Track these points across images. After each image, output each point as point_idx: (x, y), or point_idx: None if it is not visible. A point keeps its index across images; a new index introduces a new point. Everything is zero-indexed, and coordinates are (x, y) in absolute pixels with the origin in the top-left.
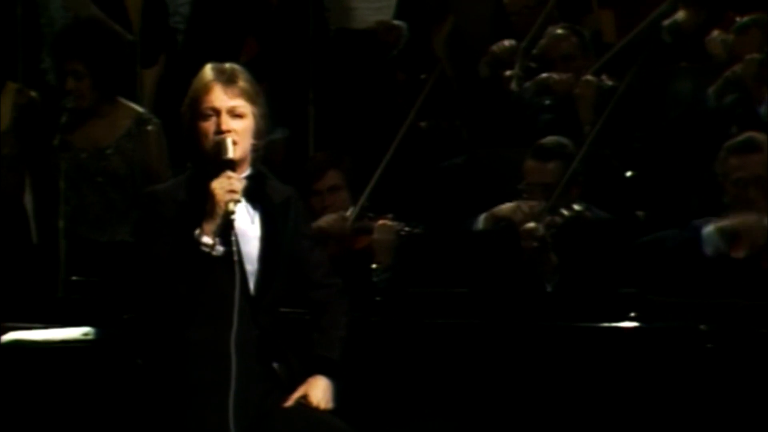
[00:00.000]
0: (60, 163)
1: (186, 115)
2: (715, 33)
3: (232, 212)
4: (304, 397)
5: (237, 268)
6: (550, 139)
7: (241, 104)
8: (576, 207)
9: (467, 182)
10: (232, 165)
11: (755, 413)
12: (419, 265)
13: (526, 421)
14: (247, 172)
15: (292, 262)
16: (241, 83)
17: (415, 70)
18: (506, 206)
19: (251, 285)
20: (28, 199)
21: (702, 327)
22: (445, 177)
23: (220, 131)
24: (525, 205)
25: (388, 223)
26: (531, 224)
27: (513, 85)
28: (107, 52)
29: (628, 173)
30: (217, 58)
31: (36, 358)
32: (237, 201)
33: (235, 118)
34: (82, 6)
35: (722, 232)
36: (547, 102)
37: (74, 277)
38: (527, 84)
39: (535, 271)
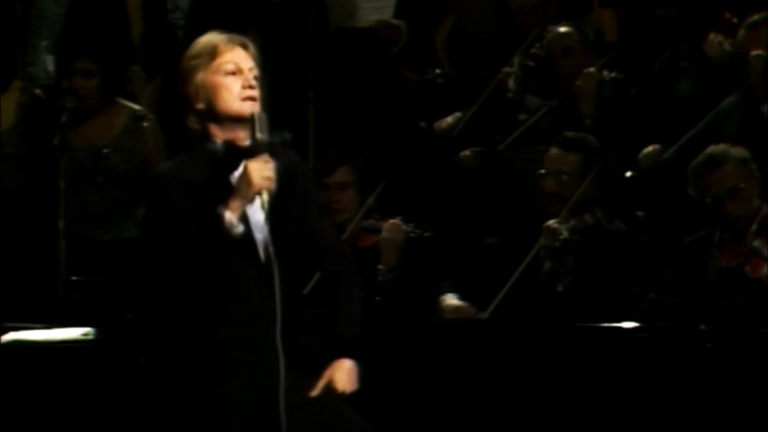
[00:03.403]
0: (60, 162)
1: (193, 71)
2: (713, 35)
3: (265, 200)
4: (330, 382)
5: (269, 253)
6: (576, 133)
7: (256, 69)
8: (599, 213)
9: (477, 185)
10: (262, 146)
11: (755, 413)
12: (426, 267)
13: (528, 420)
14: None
15: (301, 229)
16: (253, 50)
17: (417, 68)
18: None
19: (261, 254)
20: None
21: (702, 327)
22: (454, 179)
23: (247, 87)
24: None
25: (398, 222)
26: (554, 223)
27: (511, 84)
28: (117, 51)
29: (628, 173)
30: None
31: (36, 358)
32: (271, 190)
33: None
34: None
35: None
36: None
37: (74, 277)
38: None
39: (549, 271)
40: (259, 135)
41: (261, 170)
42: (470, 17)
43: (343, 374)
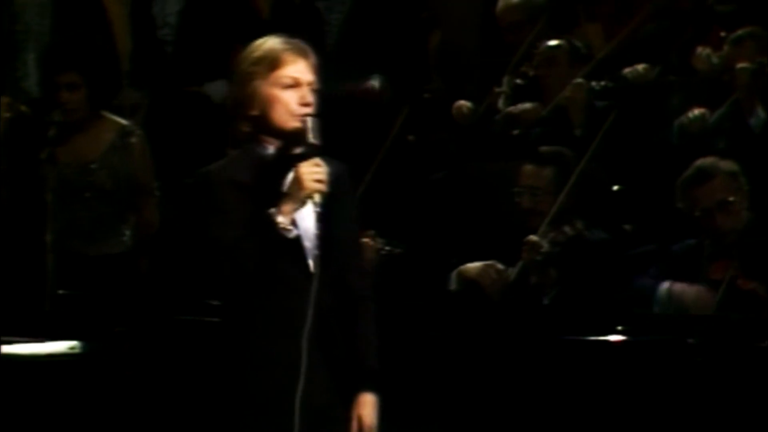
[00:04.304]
0: (47, 177)
1: (250, 77)
2: (701, 49)
3: (317, 203)
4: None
5: (314, 256)
6: (549, 147)
7: (315, 81)
8: (578, 224)
9: (452, 198)
10: (313, 149)
11: (743, 426)
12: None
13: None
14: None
15: (344, 240)
16: (315, 60)
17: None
18: (474, 266)
19: (309, 260)
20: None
21: (690, 340)
22: (429, 192)
23: (304, 104)
24: (492, 269)
25: (369, 242)
26: (534, 238)
27: (501, 104)
28: (103, 65)
29: (616, 187)
30: (207, 68)
31: (22, 372)
32: (322, 193)
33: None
34: None
35: (671, 296)
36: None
37: (61, 291)
38: (497, 116)
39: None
40: (311, 140)
41: (312, 173)
42: (458, 33)
43: (369, 410)
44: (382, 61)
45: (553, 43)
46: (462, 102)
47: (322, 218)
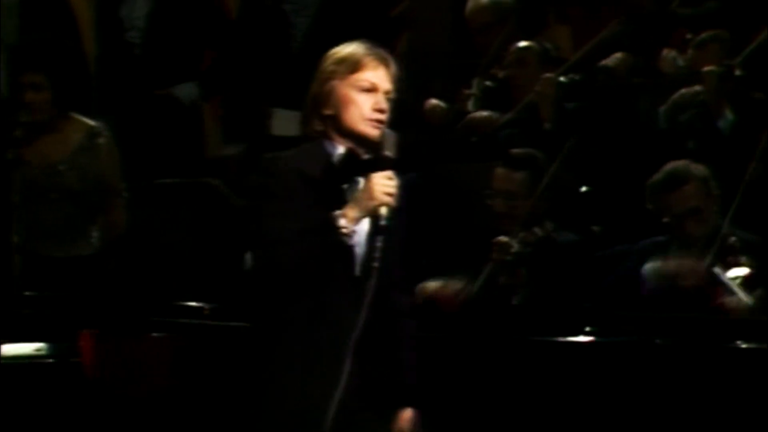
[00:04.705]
0: (14, 178)
1: (329, 76)
2: (667, 51)
3: (383, 216)
4: None
5: (367, 267)
6: (521, 150)
7: (392, 91)
8: (548, 226)
9: (423, 199)
10: (388, 162)
11: (710, 426)
12: None
13: None
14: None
15: (398, 254)
16: (395, 70)
17: None
18: (433, 284)
19: (357, 267)
20: None
21: (657, 341)
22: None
23: (378, 110)
24: (452, 285)
25: None
26: (504, 238)
27: (470, 106)
28: (69, 66)
29: (583, 188)
30: (175, 71)
31: None
32: (391, 207)
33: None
34: None
35: (660, 274)
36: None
37: (28, 293)
38: (458, 124)
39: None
40: (386, 152)
41: (384, 185)
42: (427, 35)
43: (411, 426)
44: None
45: (523, 44)
46: (435, 102)
47: (386, 231)
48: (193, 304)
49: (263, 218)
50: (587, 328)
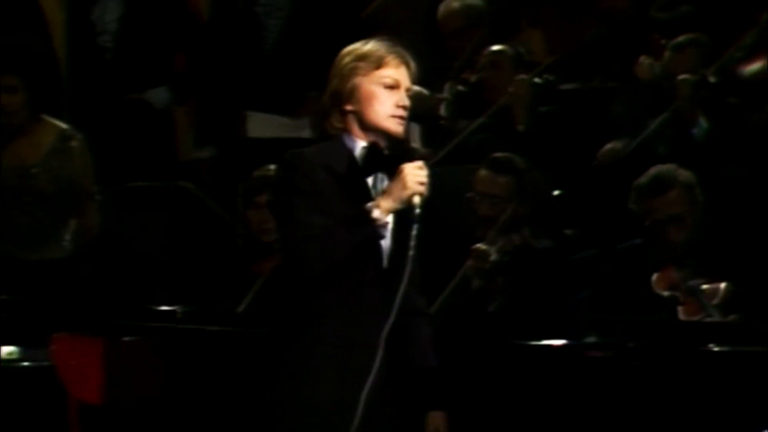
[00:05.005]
0: None
1: (353, 72)
2: (644, 58)
3: (417, 206)
4: None
5: (395, 259)
6: (504, 154)
7: (411, 88)
8: (526, 232)
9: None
10: (418, 153)
11: (682, 429)
12: None
13: None
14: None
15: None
16: (414, 70)
17: None
18: None
19: (384, 259)
20: None
21: (630, 344)
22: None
23: (400, 106)
24: None
25: None
26: (482, 246)
27: (443, 110)
28: (42, 69)
29: (556, 192)
30: (147, 75)
31: None
32: (423, 196)
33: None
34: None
35: None
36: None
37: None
38: None
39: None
40: (414, 144)
41: (416, 175)
42: (403, 39)
43: (444, 426)
44: (321, 66)
45: (496, 47)
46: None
47: (421, 220)
48: (166, 307)
49: (293, 213)
50: (562, 331)
